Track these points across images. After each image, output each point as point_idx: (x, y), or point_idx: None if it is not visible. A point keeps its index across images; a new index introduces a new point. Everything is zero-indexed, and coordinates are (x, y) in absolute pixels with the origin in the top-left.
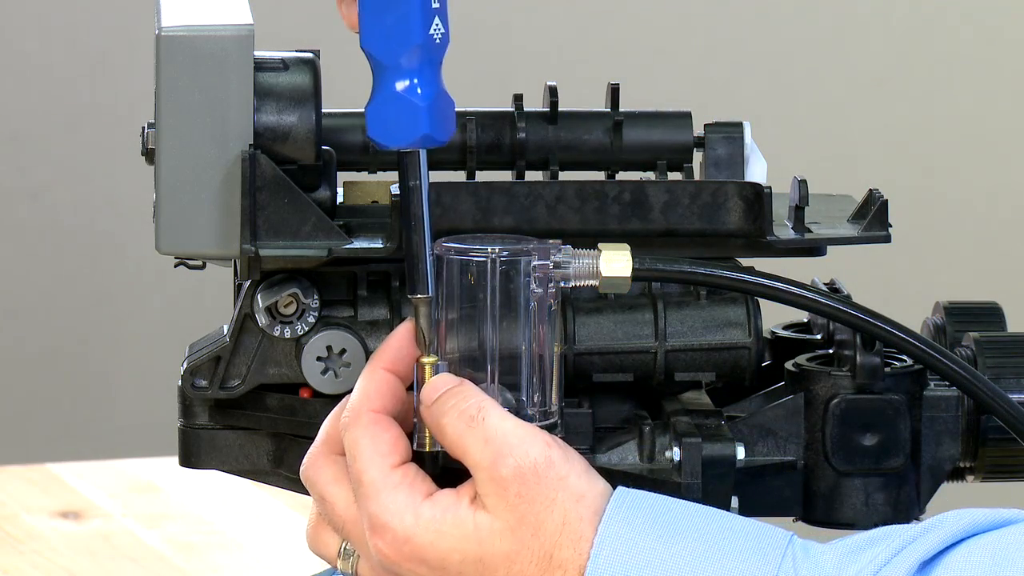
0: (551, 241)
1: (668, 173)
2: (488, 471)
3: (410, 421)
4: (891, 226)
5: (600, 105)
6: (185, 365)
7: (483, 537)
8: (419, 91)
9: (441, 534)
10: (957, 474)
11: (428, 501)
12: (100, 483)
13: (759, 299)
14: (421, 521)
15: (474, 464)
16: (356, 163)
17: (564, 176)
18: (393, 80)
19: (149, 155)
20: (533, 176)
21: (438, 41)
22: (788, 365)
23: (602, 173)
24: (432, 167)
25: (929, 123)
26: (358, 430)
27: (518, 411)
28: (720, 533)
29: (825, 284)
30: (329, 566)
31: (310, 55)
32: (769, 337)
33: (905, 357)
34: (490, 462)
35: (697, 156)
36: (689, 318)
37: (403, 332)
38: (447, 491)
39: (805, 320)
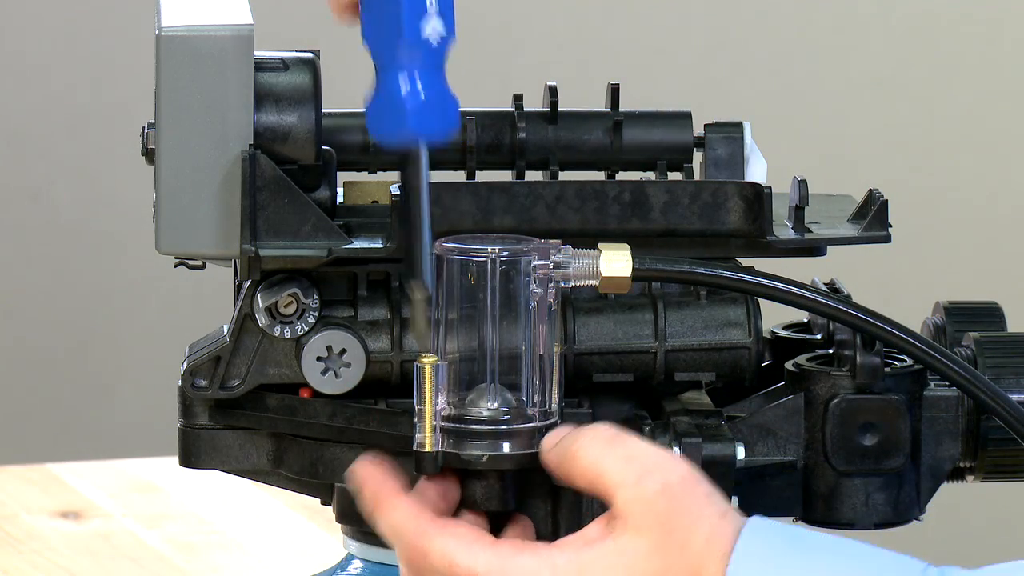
0: (551, 241)
1: (668, 173)
2: (634, 488)
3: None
4: (891, 226)
5: (600, 105)
6: (185, 365)
7: (629, 561)
8: (414, 89)
9: (585, 570)
10: (957, 474)
11: (555, 550)
12: (100, 483)
13: (759, 299)
14: (559, 570)
15: (617, 483)
16: (356, 163)
17: (564, 176)
18: (390, 77)
19: (149, 155)
20: (533, 176)
21: (435, 42)
22: (788, 365)
23: (602, 173)
24: (432, 167)
25: (929, 123)
26: (438, 541)
27: (518, 411)
28: (857, 549)
29: (825, 284)
30: (329, 566)
31: (310, 55)
32: (769, 337)
33: (905, 357)
34: (635, 479)
35: (697, 156)
36: (689, 318)
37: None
38: (570, 536)
39: (805, 320)
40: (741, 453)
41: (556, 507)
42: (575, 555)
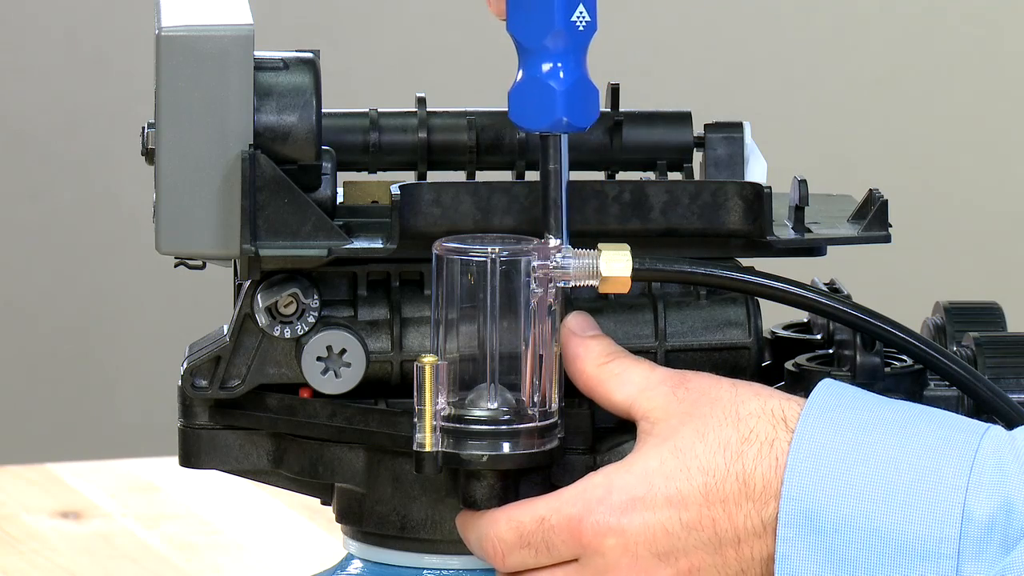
0: (551, 241)
1: (668, 173)
2: (660, 373)
3: None
4: (891, 226)
5: (600, 105)
6: (185, 365)
7: (664, 439)
8: (560, 76)
9: (646, 481)
10: None
11: (597, 474)
12: (100, 483)
13: (759, 299)
14: (617, 491)
15: (640, 379)
16: (356, 163)
17: None
18: (535, 64)
19: (149, 155)
20: (533, 176)
21: (581, 28)
22: (788, 365)
23: (602, 173)
24: (432, 167)
25: (929, 123)
26: (503, 515)
27: (518, 411)
28: (926, 411)
29: (825, 284)
30: (329, 566)
31: (310, 55)
32: (769, 337)
33: (905, 357)
34: (660, 372)
35: (697, 156)
36: (689, 318)
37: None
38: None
39: (805, 320)
40: None
41: None
42: (627, 469)
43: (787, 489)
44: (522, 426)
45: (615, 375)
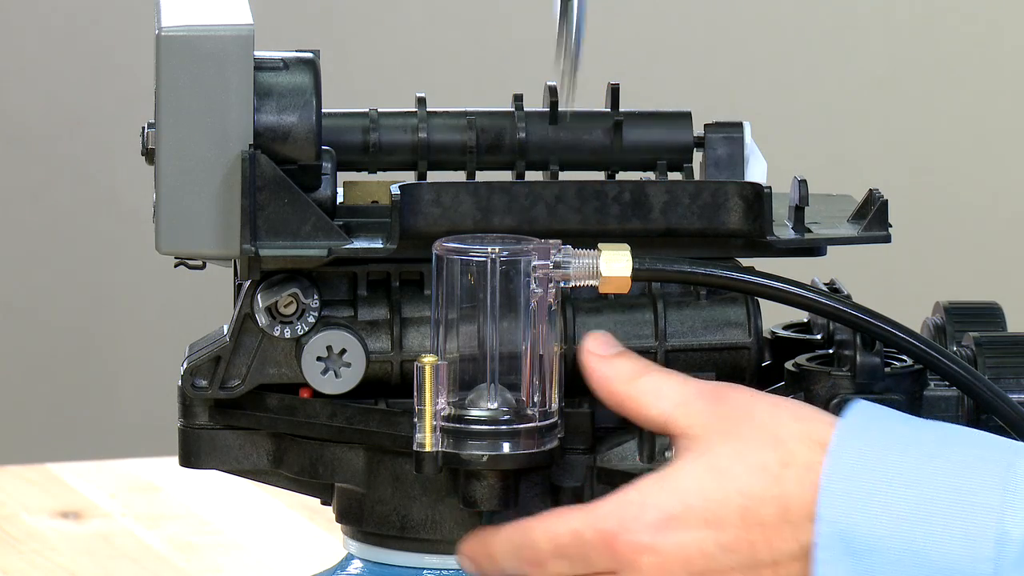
0: (551, 241)
1: (668, 173)
2: (695, 387)
3: None
4: (891, 226)
5: (600, 105)
6: (185, 365)
7: (701, 453)
8: None
9: (681, 490)
10: None
11: (632, 490)
12: (100, 483)
13: (759, 299)
14: (651, 508)
15: (676, 394)
16: (356, 163)
17: (564, 176)
18: None
19: (149, 155)
20: (533, 176)
21: None
22: (788, 365)
23: (602, 173)
24: (432, 167)
25: (929, 123)
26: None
27: (518, 411)
28: (957, 429)
29: (825, 284)
30: (329, 566)
31: (310, 55)
32: (769, 337)
33: (905, 357)
34: (695, 386)
35: (697, 156)
36: (689, 318)
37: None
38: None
39: (805, 320)
40: None
41: (556, 507)
42: (665, 481)
43: (822, 511)
44: (522, 426)
45: (649, 391)
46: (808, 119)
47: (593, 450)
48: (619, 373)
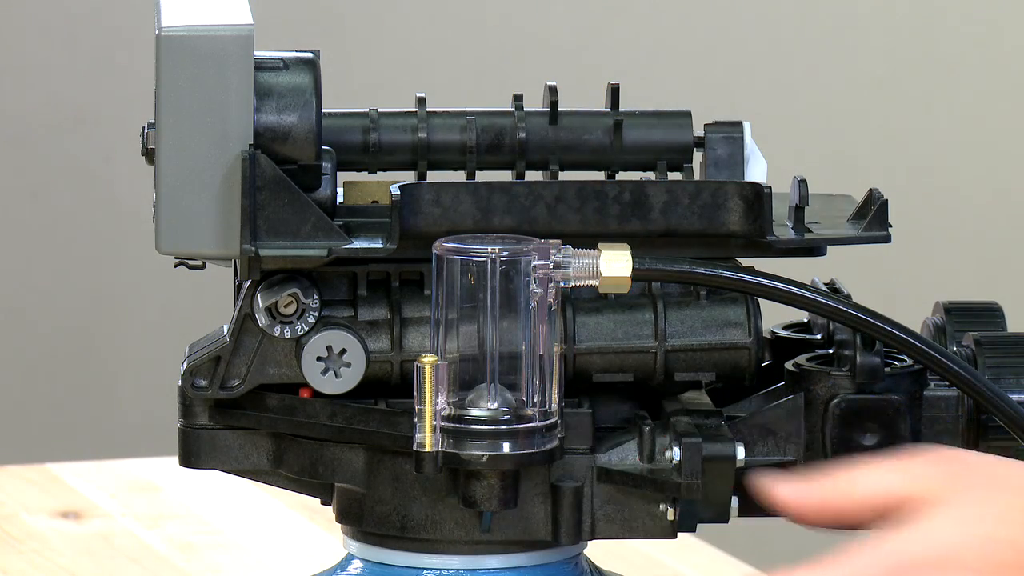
0: (551, 241)
1: (668, 173)
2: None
3: None
4: (891, 226)
5: (600, 105)
6: (185, 365)
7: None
8: None
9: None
10: None
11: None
12: (100, 483)
13: (759, 299)
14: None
15: (893, 466)
16: (356, 163)
17: (564, 176)
18: None
19: (149, 155)
20: (533, 176)
21: None
22: (788, 365)
23: (602, 173)
24: (432, 167)
25: (929, 123)
26: None
27: (518, 411)
28: None
29: (825, 284)
30: (329, 566)
31: (310, 55)
32: (769, 337)
33: (905, 357)
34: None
35: (697, 156)
36: (689, 318)
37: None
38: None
39: (805, 320)
40: (741, 453)
41: (556, 507)
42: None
43: None
44: (522, 426)
45: (862, 475)
46: (808, 119)
47: (593, 450)
48: (821, 482)
